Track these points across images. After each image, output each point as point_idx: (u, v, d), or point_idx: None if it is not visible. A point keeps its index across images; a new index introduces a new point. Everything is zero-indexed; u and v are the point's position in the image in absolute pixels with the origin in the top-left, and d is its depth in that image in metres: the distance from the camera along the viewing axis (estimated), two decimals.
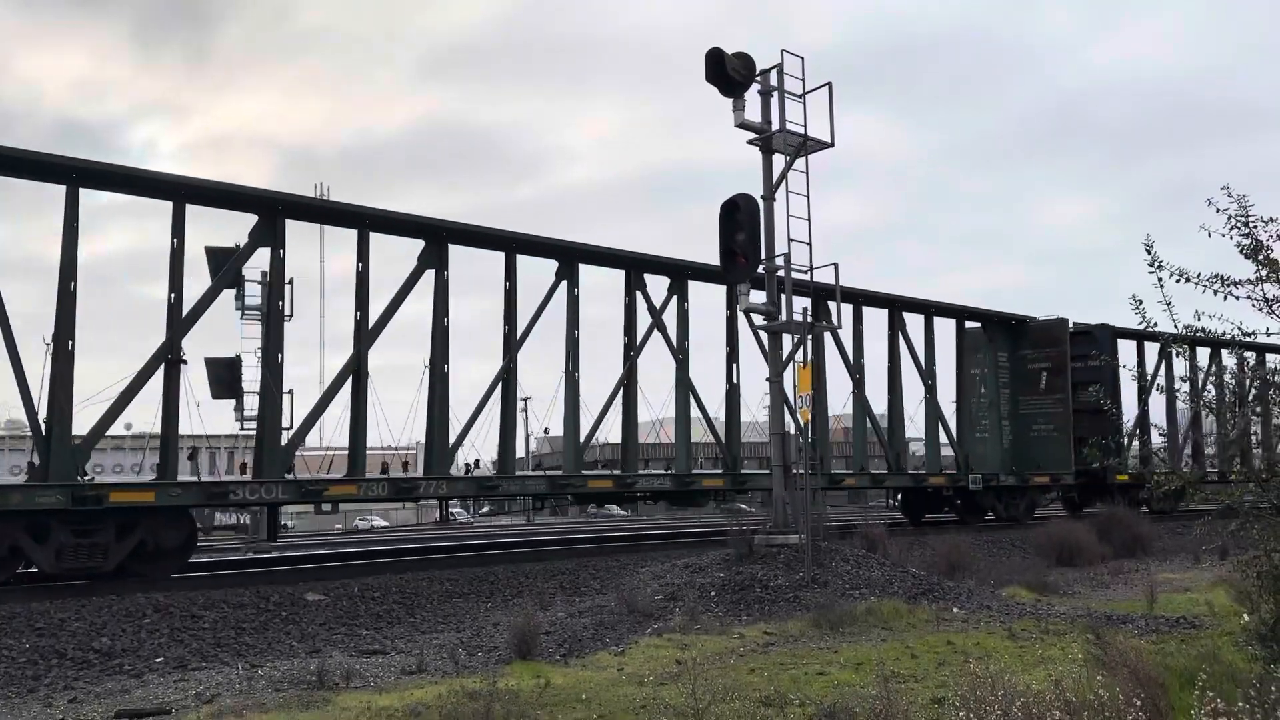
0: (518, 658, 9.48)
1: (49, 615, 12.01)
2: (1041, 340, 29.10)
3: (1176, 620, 10.98)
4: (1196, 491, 6.91)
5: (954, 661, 8.66)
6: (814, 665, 8.77)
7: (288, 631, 12.45)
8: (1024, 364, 29.21)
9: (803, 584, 12.87)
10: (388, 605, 14.03)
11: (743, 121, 15.06)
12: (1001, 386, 28.84)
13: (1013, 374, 29.12)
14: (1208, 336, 6.86)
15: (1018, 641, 9.80)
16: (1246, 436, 6.62)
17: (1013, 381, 29.11)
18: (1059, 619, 11.17)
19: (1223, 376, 26.74)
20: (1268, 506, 6.28)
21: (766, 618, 11.64)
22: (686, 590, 12.90)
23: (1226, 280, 6.59)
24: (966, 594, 13.06)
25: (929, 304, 27.44)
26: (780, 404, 15.23)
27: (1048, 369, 28.81)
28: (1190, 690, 5.05)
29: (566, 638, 10.65)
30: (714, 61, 14.74)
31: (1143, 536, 22.28)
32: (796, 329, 15.25)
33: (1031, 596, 14.02)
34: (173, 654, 11.09)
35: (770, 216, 15.17)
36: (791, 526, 14.38)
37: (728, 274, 15.95)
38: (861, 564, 13.81)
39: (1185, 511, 26.36)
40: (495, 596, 14.99)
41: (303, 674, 8.98)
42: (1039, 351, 29.12)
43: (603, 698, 7.65)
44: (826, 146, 15.42)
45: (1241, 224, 6.54)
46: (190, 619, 12.42)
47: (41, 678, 9.99)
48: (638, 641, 10.27)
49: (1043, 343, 29.07)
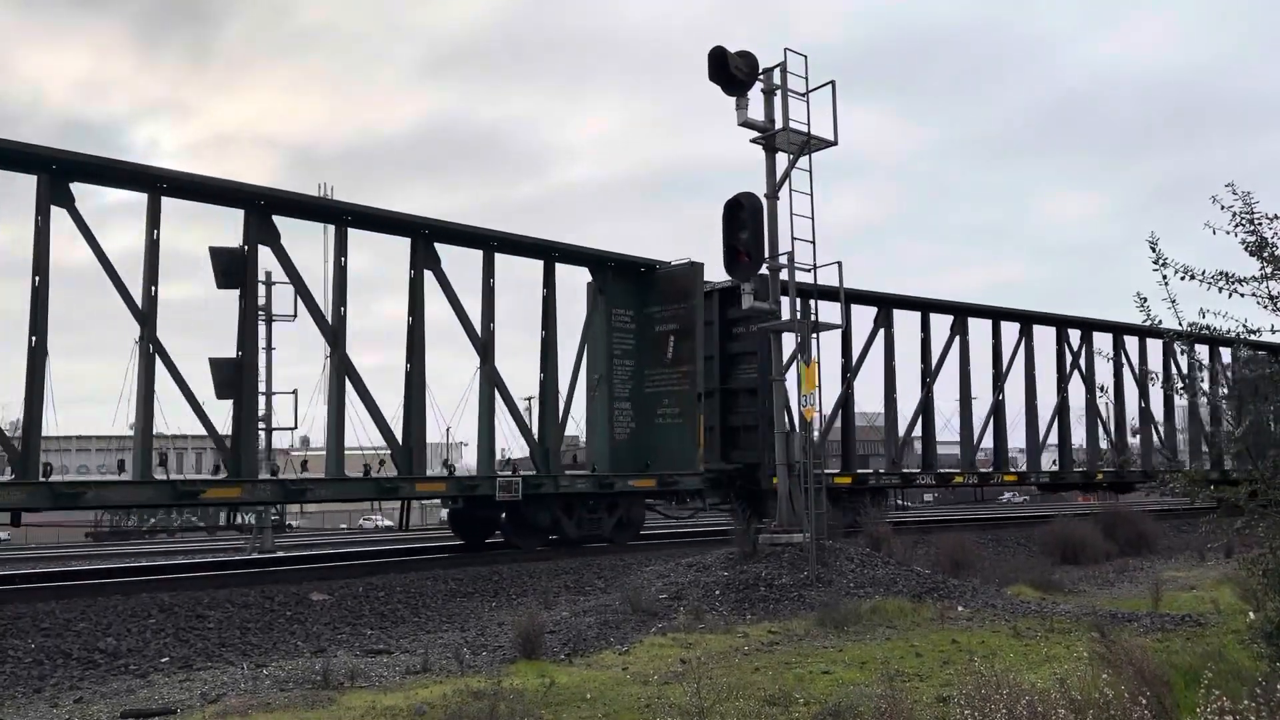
0: (522, 657, 9.48)
1: (54, 616, 12.05)
2: (670, 293, 21.48)
3: (1182, 618, 10.96)
4: (1199, 491, 6.88)
5: (959, 660, 8.65)
6: (819, 664, 8.76)
7: (292, 631, 12.47)
8: (651, 325, 21.67)
9: (807, 583, 12.87)
10: (392, 605, 14.05)
11: (746, 120, 15.05)
12: (618, 357, 21.56)
13: (639, 339, 21.79)
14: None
15: (1022, 640, 9.79)
16: (1264, 433, 6.59)
17: (639, 350, 21.76)
18: (1064, 617, 11.16)
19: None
20: (1273, 504, 6.25)
21: (771, 616, 11.64)
22: (691, 589, 12.90)
23: (1231, 277, 6.58)
24: (971, 592, 13.05)
25: (470, 232, 19.18)
26: (782, 403, 15.21)
27: (675, 332, 21.31)
28: (1196, 688, 5.03)
29: (571, 637, 10.66)
30: (717, 60, 14.73)
31: (1147, 534, 22.30)
32: (800, 328, 15.22)
33: (1036, 594, 14.01)
34: (178, 654, 11.12)
35: (774, 215, 15.16)
36: (795, 525, 14.37)
37: (731, 272, 15.93)
38: (866, 563, 13.80)
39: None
40: (499, 596, 15.00)
41: (308, 673, 8.99)
42: (667, 308, 21.51)
43: (607, 697, 7.66)
44: (830, 145, 15.40)
45: (1246, 221, 6.52)
46: (195, 619, 12.45)
47: (47, 678, 10.02)
48: (642, 640, 10.27)
49: (671, 296, 21.46)
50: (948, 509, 44.13)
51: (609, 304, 21.35)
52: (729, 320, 22.66)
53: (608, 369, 21.29)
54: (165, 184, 15.83)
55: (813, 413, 14.83)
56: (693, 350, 21.09)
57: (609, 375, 21.32)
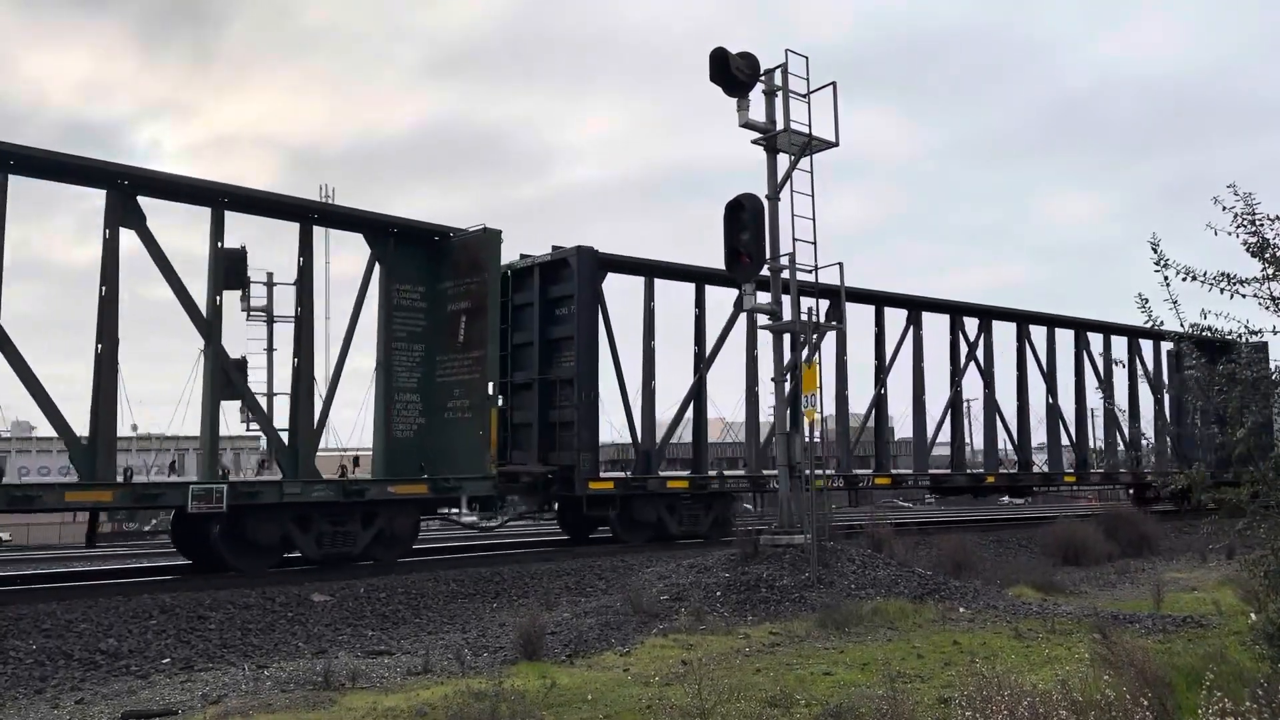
0: (523, 658, 9.48)
1: (56, 616, 12.05)
2: (462, 265, 18.25)
3: (1183, 619, 10.95)
4: (1204, 493, 6.87)
5: (960, 661, 8.65)
6: (820, 665, 8.76)
7: (294, 632, 12.47)
8: (444, 304, 18.40)
9: (808, 584, 12.87)
10: (393, 606, 14.05)
11: (747, 121, 15.06)
12: (402, 340, 18.10)
13: (431, 320, 18.40)
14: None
15: (1024, 641, 9.78)
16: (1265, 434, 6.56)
17: (431, 333, 18.40)
18: (1065, 618, 11.15)
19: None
20: (1274, 505, 6.25)
21: (772, 618, 11.64)
22: (692, 590, 12.90)
23: (1233, 279, 6.57)
24: (972, 593, 13.04)
25: (193, 186, 16.28)
26: (785, 403, 15.21)
27: (467, 311, 18.02)
28: (1197, 690, 5.03)
29: (572, 638, 10.65)
30: (718, 61, 14.75)
31: (1149, 535, 22.27)
32: (802, 329, 15.23)
33: (1038, 596, 14.00)
34: (179, 655, 11.12)
35: (775, 216, 15.17)
36: (797, 526, 14.37)
37: (733, 273, 15.94)
38: (867, 564, 13.79)
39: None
40: (501, 597, 15.00)
41: (309, 674, 8.99)
42: (459, 283, 18.21)
43: (608, 698, 7.66)
44: (831, 146, 15.41)
45: (1248, 222, 6.52)
46: (196, 620, 12.45)
47: (49, 679, 10.01)
48: (643, 642, 10.27)
49: (463, 269, 18.21)
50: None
51: (390, 278, 18.01)
52: (551, 300, 20.26)
53: (386, 355, 17.93)
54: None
55: (814, 414, 14.83)
56: (485, 332, 17.73)
57: (388, 362, 17.94)
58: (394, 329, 17.99)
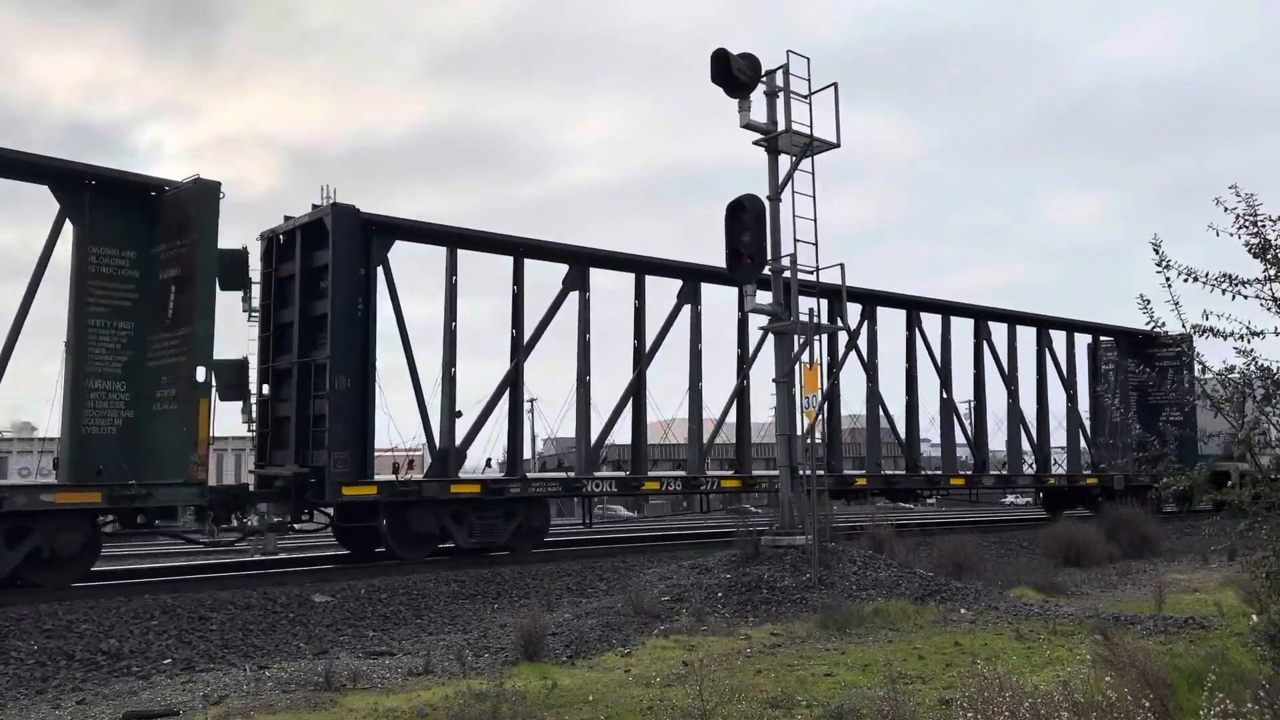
0: (524, 659, 9.48)
1: (57, 617, 12.05)
2: (173, 225, 15.30)
3: (1185, 621, 10.94)
4: (1201, 494, 6.86)
5: (961, 662, 8.65)
6: (821, 666, 8.76)
7: (295, 633, 12.47)
8: (157, 272, 15.40)
9: (809, 585, 12.86)
10: (394, 606, 14.05)
11: (748, 122, 15.06)
12: (102, 316, 15.07)
13: (143, 292, 15.40)
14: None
15: (1025, 642, 9.78)
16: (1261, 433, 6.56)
17: (142, 308, 15.35)
18: (1066, 619, 11.14)
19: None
20: (1276, 506, 6.24)
21: (773, 619, 11.63)
22: (693, 591, 12.90)
23: (1235, 280, 6.56)
24: (974, 595, 13.03)
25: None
26: (788, 404, 15.21)
27: (176, 280, 15.10)
28: (1199, 691, 5.02)
29: (573, 639, 10.66)
30: (719, 62, 14.75)
31: (1150, 537, 22.25)
32: (804, 329, 15.23)
33: (1039, 597, 13.99)
34: (180, 655, 11.12)
35: (776, 217, 15.17)
36: (798, 527, 14.37)
37: (734, 274, 15.94)
38: (868, 565, 13.79)
39: None
40: (502, 598, 15.00)
41: (310, 675, 8.99)
42: (170, 247, 15.29)
43: (609, 699, 7.66)
44: (833, 147, 15.41)
45: (1250, 223, 6.51)
46: (198, 620, 12.46)
47: (50, 679, 10.02)
48: (644, 643, 10.27)
49: (174, 230, 15.27)
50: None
51: (86, 240, 14.96)
52: (314, 270, 17.17)
53: (78, 333, 14.83)
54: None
55: (814, 415, 14.83)
56: (193, 305, 14.75)
57: (80, 343, 14.82)
58: (88, 302, 14.92)
